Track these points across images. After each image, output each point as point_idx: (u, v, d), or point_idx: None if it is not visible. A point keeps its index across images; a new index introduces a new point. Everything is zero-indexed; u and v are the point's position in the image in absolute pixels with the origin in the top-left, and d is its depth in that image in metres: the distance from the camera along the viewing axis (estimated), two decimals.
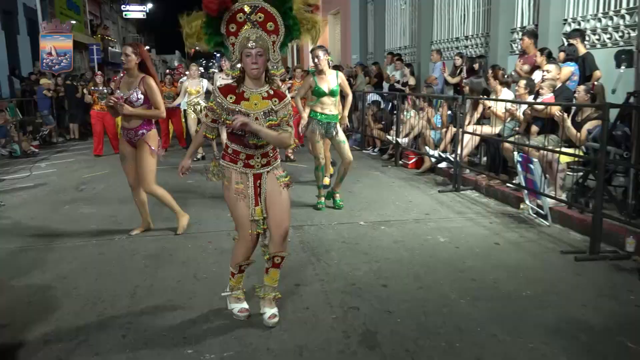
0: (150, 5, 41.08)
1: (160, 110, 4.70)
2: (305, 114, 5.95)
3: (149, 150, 4.71)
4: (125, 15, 38.33)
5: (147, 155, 4.70)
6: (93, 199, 6.66)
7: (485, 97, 7.27)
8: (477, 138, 6.95)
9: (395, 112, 9.62)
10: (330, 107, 5.68)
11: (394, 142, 8.86)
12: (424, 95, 8.90)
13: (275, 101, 3.03)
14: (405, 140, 8.65)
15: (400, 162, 8.72)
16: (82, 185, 7.64)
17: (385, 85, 11.85)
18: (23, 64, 17.66)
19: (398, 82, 11.16)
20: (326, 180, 6.41)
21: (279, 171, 3.17)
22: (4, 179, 8.25)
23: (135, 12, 38.31)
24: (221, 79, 8.50)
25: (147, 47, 34.88)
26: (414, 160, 8.46)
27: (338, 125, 5.75)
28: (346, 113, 6.09)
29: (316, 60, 5.58)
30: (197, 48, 3.70)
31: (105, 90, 7.85)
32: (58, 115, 13.94)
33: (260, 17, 3.13)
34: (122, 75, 4.83)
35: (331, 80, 5.65)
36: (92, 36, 27.11)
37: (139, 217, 5.13)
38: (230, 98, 3.01)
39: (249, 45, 2.93)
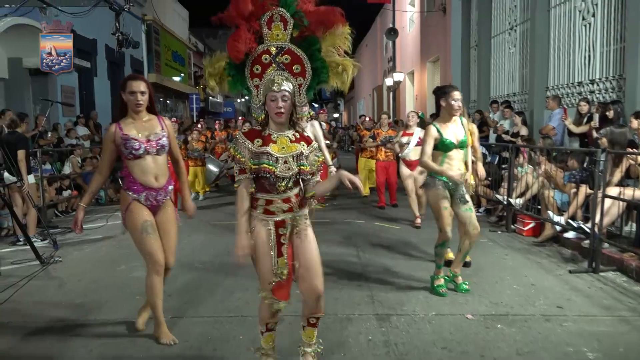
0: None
1: (181, 161, 3.83)
2: (452, 172, 4.42)
3: (175, 212, 3.68)
4: None
5: (174, 219, 3.65)
6: None
7: (634, 150, 5.70)
8: (622, 204, 5.39)
9: (504, 166, 8.22)
10: (459, 163, 4.51)
11: (505, 202, 7.41)
12: (546, 147, 7.42)
13: (303, 145, 2.86)
14: (520, 201, 7.18)
15: (512, 227, 7.24)
16: None
17: (492, 136, 10.46)
18: None
19: (507, 132, 9.76)
20: (450, 255, 5.18)
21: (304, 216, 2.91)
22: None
23: None
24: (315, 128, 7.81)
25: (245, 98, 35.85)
26: (530, 226, 6.95)
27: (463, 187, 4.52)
28: (480, 167, 5.25)
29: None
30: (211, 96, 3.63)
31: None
32: None
33: (286, 59, 3.02)
34: (128, 118, 3.52)
35: (457, 129, 4.50)
36: (194, 87, 28.19)
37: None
38: (257, 142, 2.81)
39: (274, 88, 2.77)
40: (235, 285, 4.79)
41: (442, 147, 4.43)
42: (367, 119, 10.71)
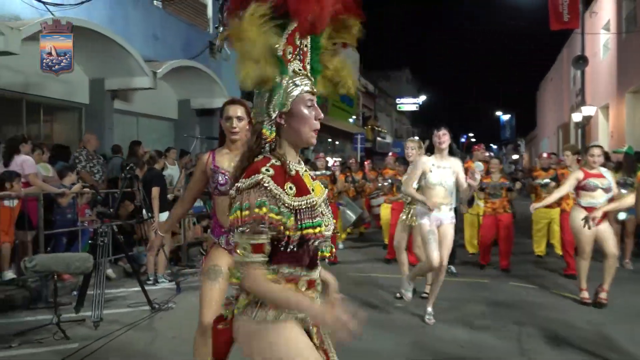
0: (423, 97, 41.79)
1: None
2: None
3: None
4: (399, 107, 39.66)
5: None
6: None
7: None
8: None
9: None
10: None
11: None
12: None
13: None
14: None
15: None
16: None
17: None
18: None
19: None
20: None
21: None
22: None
23: (408, 104, 39.37)
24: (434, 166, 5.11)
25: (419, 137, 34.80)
26: None
27: None
28: None
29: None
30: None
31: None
32: None
33: (306, 46, 1.86)
34: (225, 148, 3.16)
35: None
36: (362, 127, 28.18)
37: None
38: (290, 189, 1.72)
39: (308, 88, 1.80)
40: None
41: None
42: (546, 154, 8.55)
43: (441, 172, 4.74)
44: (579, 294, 5.62)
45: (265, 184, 1.67)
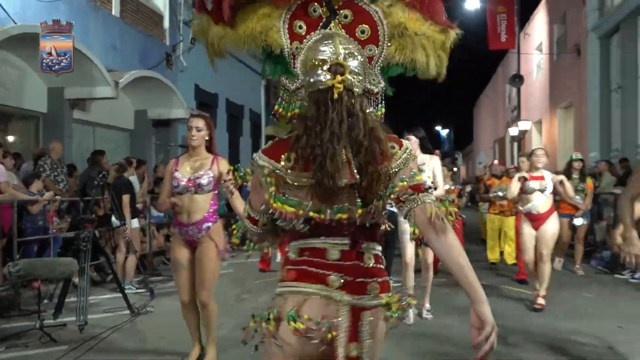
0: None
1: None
2: None
3: (215, 249, 3.73)
4: None
5: (213, 256, 3.73)
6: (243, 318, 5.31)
7: None
8: None
9: None
10: None
11: None
12: None
13: None
14: None
15: None
16: (246, 294, 6.45)
17: None
18: (243, 162, 18.77)
19: None
20: None
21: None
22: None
23: None
24: None
25: None
26: None
27: None
28: None
29: None
30: None
31: None
32: None
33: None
34: (182, 154, 3.94)
35: None
36: None
37: None
38: None
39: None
40: None
41: None
42: (497, 161, 8.87)
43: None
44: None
45: None
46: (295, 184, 1.59)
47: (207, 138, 3.73)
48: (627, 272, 7.44)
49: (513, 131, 20.03)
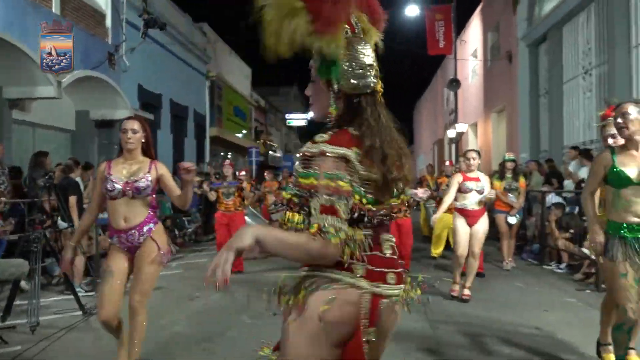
0: (311, 114, 43.27)
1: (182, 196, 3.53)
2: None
3: (156, 251, 3.49)
4: (289, 123, 40.73)
5: (153, 258, 3.49)
6: (195, 316, 5.44)
7: None
8: None
9: (584, 217, 7.34)
10: None
11: (593, 258, 6.51)
12: None
13: None
14: None
15: (603, 285, 6.30)
16: (197, 292, 6.54)
17: (569, 185, 9.56)
18: None
19: (583, 180, 8.86)
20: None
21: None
22: None
23: (297, 119, 40.56)
24: None
25: None
26: None
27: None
28: None
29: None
30: None
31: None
32: (207, 213, 13.80)
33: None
34: (117, 156, 3.64)
35: None
36: (255, 141, 28.65)
37: None
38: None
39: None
40: None
41: (615, 181, 3.39)
42: (448, 162, 9.57)
43: None
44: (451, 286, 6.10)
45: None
46: (366, 176, 1.68)
47: (143, 140, 3.56)
48: (553, 263, 8.10)
49: (451, 133, 20.94)
